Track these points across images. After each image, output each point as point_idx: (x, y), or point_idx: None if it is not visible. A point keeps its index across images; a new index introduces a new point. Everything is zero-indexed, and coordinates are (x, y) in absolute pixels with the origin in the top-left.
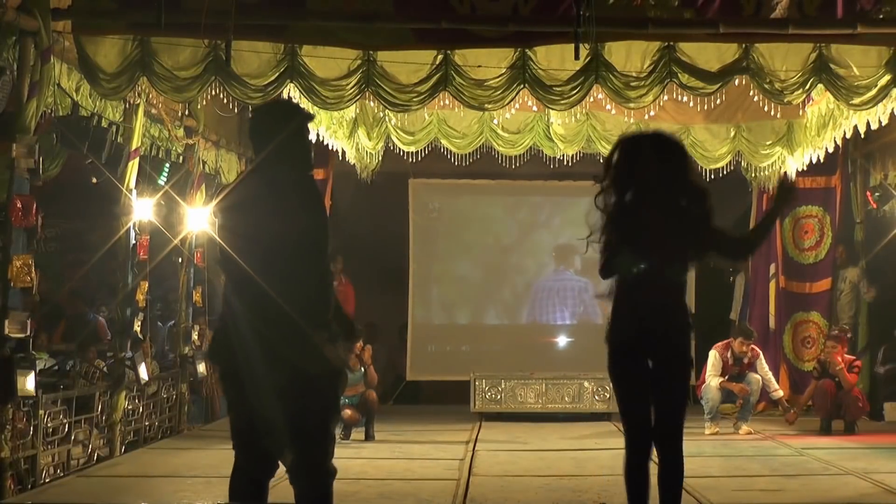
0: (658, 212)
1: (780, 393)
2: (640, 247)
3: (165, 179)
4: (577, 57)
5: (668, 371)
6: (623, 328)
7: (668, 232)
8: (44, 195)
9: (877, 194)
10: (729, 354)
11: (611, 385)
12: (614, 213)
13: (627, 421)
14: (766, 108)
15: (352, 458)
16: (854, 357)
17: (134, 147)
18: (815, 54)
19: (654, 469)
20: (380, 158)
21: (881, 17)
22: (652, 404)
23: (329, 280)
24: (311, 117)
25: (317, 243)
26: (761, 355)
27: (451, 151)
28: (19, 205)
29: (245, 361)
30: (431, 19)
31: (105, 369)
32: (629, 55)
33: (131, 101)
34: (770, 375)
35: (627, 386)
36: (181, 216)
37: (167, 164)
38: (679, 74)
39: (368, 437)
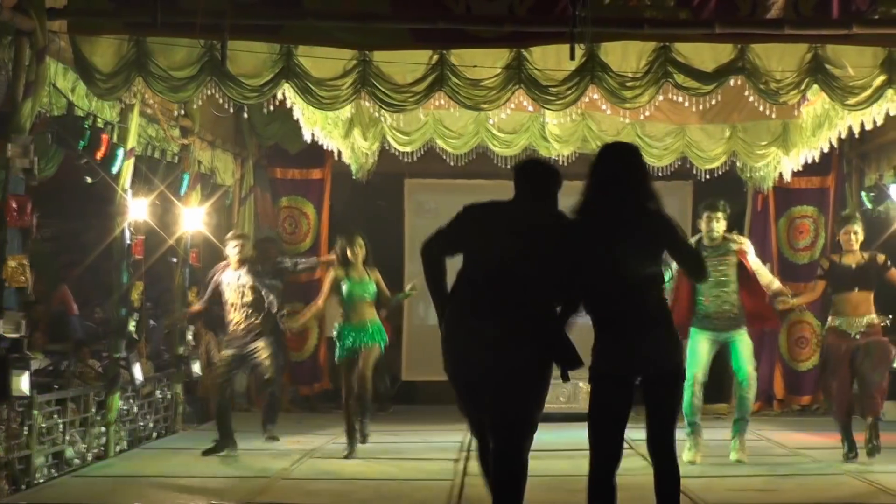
0: (622, 223)
1: (778, 283)
2: (609, 266)
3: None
4: (572, 57)
5: (662, 390)
6: (610, 358)
7: (633, 245)
8: (39, 195)
9: (872, 195)
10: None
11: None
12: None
13: (597, 447)
14: (761, 109)
15: (346, 459)
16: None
17: (129, 147)
18: (810, 55)
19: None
20: (375, 159)
21: (876, 17)
22: (644, 419)
23: None
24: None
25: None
26: (750, 250)
27: (446, 152)
28: (14, 205)
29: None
30: (427, 19)
31: (100, 369)
32: (625, 55)
33: (127, 102)
34: (764, 269)
35: (608, 419)
36: (176, 216)
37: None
38: (674, 75)
39: (362, 436)
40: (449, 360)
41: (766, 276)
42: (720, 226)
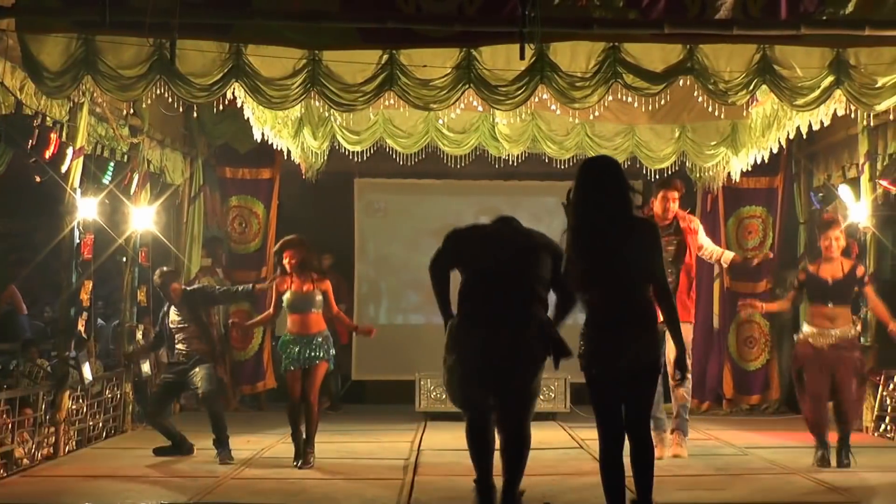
0: (611, 233)
1: (730, 254)
2: (601, 271)
3: (110, 178)
4: (522, 57)
5: (642, 381)
6: (600, 359)
7: (624, 253)
8: None
9: (820, 195)
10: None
11: (558, 385)
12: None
13: (604, 431)
14: (710, 109)
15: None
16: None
17: (78, 146)
18: (758, 55)
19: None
20: (325, 158)
21: (824, 18)
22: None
23: None
24: None
25: None
26: (700, 230)
27: (396, 151)
28: None
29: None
30: (377, 19)
31: (48, 368)
32: (574, 55)
33: (76, 100)
34: (713, 246)
35: (607, 409)
36: (125, 215)
37: (112, 163)
38: (624, 75)
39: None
40: (459, 356)
41: (716, 251)
42: (675, 206)
